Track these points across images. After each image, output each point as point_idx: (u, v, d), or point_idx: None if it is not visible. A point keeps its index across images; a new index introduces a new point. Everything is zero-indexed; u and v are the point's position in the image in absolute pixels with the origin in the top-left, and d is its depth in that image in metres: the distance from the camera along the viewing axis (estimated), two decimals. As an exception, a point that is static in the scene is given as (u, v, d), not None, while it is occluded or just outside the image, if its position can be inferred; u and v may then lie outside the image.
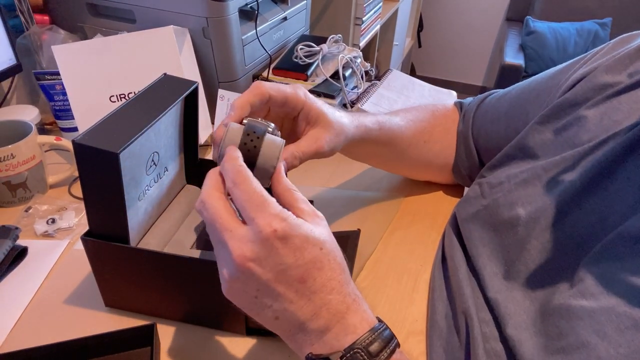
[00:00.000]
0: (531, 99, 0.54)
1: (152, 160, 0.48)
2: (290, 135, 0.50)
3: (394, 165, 0.67)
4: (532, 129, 0.50)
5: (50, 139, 0.67)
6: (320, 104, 0.48)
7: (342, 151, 0.54)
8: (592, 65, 0.48)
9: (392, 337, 0.34)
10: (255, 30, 0.84)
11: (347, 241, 0.57)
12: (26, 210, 0.65)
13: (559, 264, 0.41)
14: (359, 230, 0.58)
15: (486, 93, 0.65)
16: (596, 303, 0.34)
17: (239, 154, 0.36)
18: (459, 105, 0.67)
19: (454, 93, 0.99)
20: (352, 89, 0.92)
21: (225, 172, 0.35)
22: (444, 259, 0.55)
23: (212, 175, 0.36)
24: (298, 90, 0.46)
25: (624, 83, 0.44)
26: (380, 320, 0.35)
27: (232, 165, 0.35)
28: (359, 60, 0.93)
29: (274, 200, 0.33)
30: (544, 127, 0.49)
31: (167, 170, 0.52)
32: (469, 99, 0.67)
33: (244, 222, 0.33)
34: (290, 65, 0.89)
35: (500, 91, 0.63)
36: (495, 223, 0.49)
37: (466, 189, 0.67)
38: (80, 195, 0.55)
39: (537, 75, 0.58)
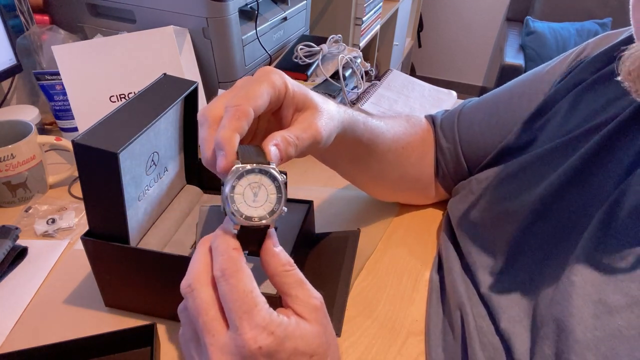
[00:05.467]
0: (523, 104, 0.54)
1: (152, 160, 0.48)
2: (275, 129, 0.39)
3: (372, 175, 0.59)
4: (519, 130, 0.51)
5: (50, 139, 0.67)
6: (303, 86, 0.40)
7: (326, 151, 0.47)
8: (574, 66, 0.50)
9: None
10: (255, 30, 0.84)
11: (347, 241, 0.57)
12: (26, 210, 0.65)
13: (545, 254, 0.42)
14: (359, 230, 0.58)
15: (459, 105, 0.63)
16: (573, 290, 0.36)
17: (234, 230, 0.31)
18: (431, 120, 0.64)
19: (454, 93, 0.99)
20: (352, 89, 0.92)
21: (215, 252, 0.30)
22: (440, 259, 0.55)
23: (203, 249, 0.31)
24: (273, 76, 0.36)
25: (600, 75, 0.45)
26: None
27: (224, 248, 0.30)
28: (359, 60, 0.93)
29: (264, 302, 0.29)
30: (528, 126, 0.50)
31: (167, 170, 0.52)
32: (440, 112, 0.65)
33: (227, 323, 0.29)
34: (290, 65, 0.89)
35: (475, 100, 0.61)
36: (484, 218, 0.50)
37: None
38: (80, 195, 0.55)
39: (520, 79, 0.57)
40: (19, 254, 0.56)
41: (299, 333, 0.30)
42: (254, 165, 0.31)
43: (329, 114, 0.41)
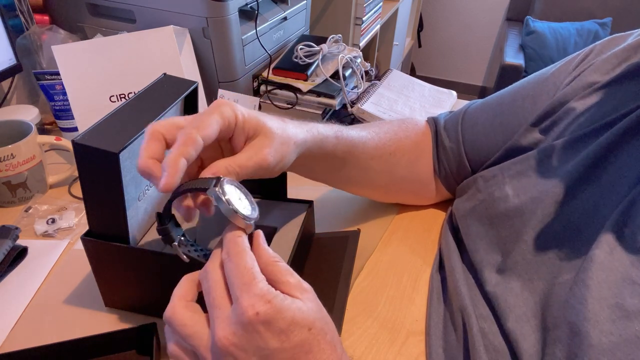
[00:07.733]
0: (527, 106, 0.54)
1: (152, 160, 0.48)
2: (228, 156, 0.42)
3: (357, 183, 0.60)
4: (526, 131, 0.51)
5: (50, 139, 0.67)
6: (256, 113, 0.42)
7: (296, 167, 0.48)
8: (581, 68, 0.49)
9: None
10: (255, 30, 0.84)
11: (347, 241, 0.57)
12: (26, 210, 0.65)
13: (555, 254, 0.41)
14: (359, 230, 0.58)
15: (464, 106, 0.63)
16: (589, 293, 0.35)
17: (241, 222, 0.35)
18: (432, 122, 0.64)
19: (454, 93, 0.99)
20: (352, 89, 0.92)
21: (224, 240, 0.34)
22: (441, 259, 0.55)
23: (217, 251, 0.36)
24: (223, 108, 0.39)
25: (612, 76, 0.45)
26: None
27: (230, 236, 0.34)
28: (359, 60, 0.93)
29: (263, 278, 0.32)
30: (536, 127, 0.50)
31: (167, 170, 0.52)
32: (443, 114, 0.65)
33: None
34: (290, 65, 0.89)
35: (479, 101, 0.62)
36: (491, 216, 0.50)
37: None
38: (80, 195, 0.55)
39: (525, 81, 0.57)
40: (19, 254, 0.56)
41: (295, 306, 0.31)
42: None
43: (283, 139, 0.42)
